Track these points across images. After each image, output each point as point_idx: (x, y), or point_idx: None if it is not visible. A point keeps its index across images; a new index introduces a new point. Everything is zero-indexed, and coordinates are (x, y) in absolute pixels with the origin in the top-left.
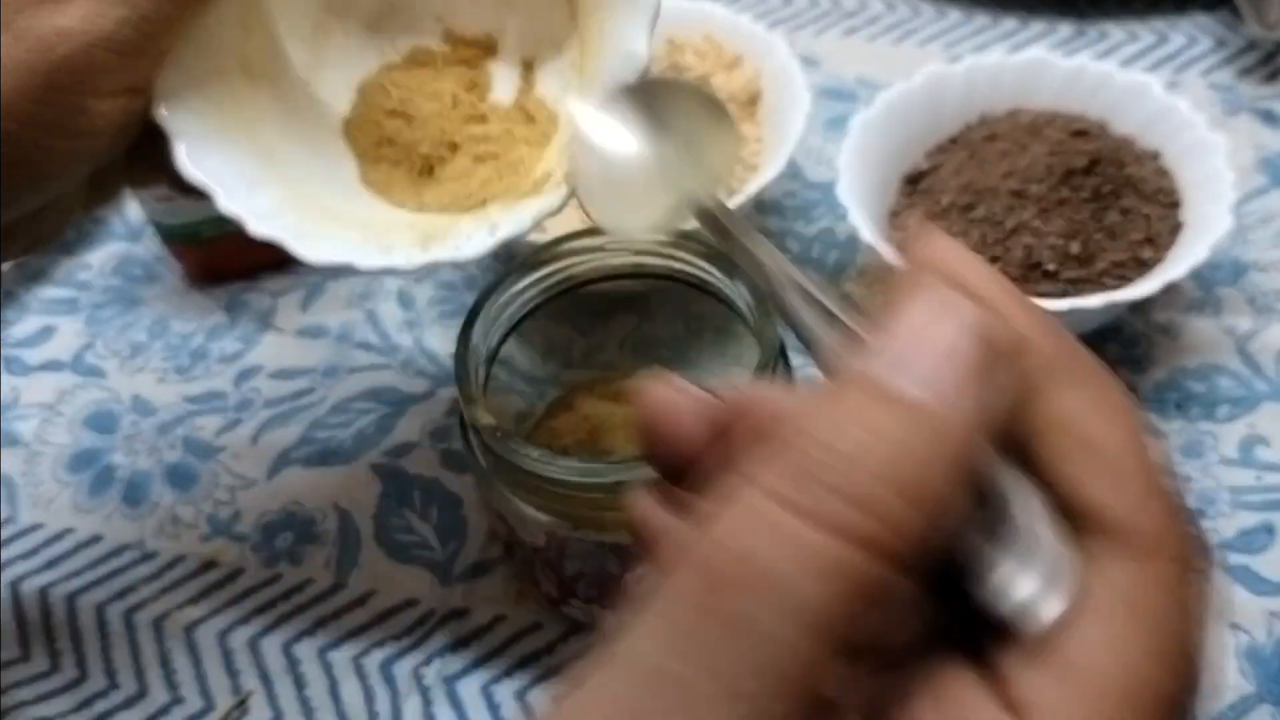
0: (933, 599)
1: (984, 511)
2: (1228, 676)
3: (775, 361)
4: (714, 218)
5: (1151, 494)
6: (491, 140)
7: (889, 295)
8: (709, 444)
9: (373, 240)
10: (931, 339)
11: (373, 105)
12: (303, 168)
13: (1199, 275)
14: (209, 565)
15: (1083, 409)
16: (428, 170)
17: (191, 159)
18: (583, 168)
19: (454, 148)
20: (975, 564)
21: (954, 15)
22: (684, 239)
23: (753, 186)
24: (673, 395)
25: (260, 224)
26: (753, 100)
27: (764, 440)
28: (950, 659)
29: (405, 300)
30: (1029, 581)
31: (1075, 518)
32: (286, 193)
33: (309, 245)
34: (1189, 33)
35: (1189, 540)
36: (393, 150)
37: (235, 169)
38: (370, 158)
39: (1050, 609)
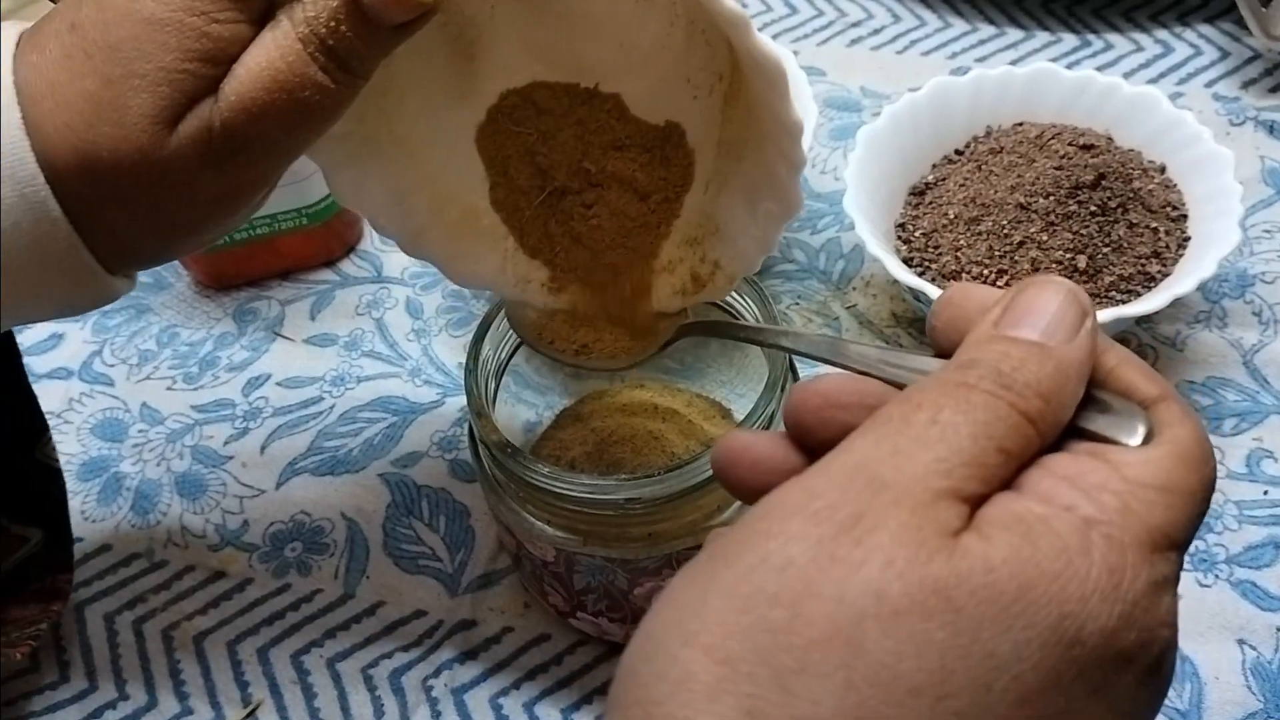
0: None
1: (1091, 397)
2: (1235, 693)
3: (785, 373)
4: (728, 328)
5: (1164, 383)
6: (623, 185)
7: (953, 331)
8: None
9: (509, 269)
10: (1042, 301)
11: (512, 117)
12: (441, 160)
13: (1205, 288)
14: (218, 575)
15: (1120, 350)
16: (558, 196)
17: (345, 185)
18: None
19: (588, 176)
20: (1087, 419)
21: (958, 26)
22: None
23: None
24: (748, 437)
25: (413, 248)
26: None
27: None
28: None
29: (414, 309)
30: (1123, 421)
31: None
32: (429, 195)
33: (456, 270)
34: (1193, 43)
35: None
36: (524, 171)
37: (380, 181)
38: (498, 170)
39: (1136, 434)
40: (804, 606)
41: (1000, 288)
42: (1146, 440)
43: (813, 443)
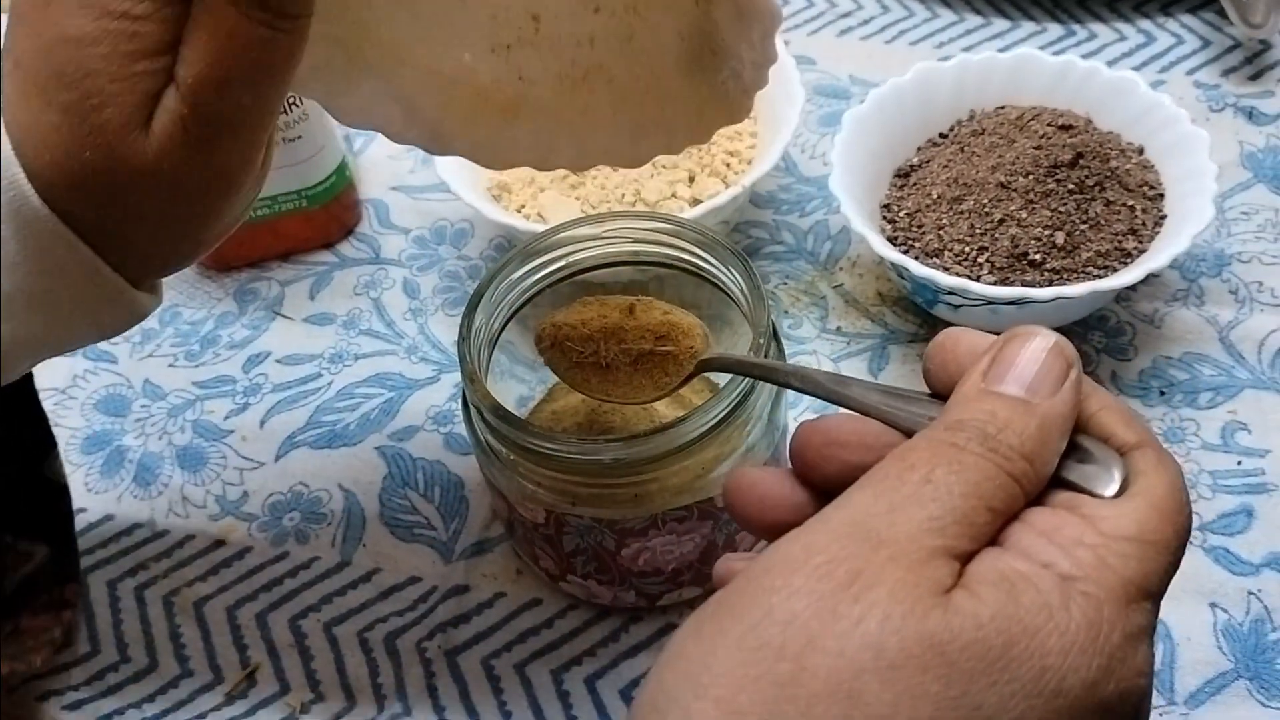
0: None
1: (1072, 444)
2: (1207, 653)
3: (768, 344)
4: (738, 365)
5: (1143, 430)
6: None
7: (946, 375)
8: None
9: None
10: (1027, 357)
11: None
12: (431, 47)
13: (1183, 267)
14: (218, 543)
15: (1103, 396)
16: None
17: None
18: None
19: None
20: (1067, 469)
21: (946, 16)
22: (681, 227)
23: (748, 180)
24: (755, 473)
25: (439, 147)
26: None
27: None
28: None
29: (410, 289)
30: (1100, 471)
31: (1112, 444)
32: (433, 89)
33: (490, 159)
34: (1175, 33)
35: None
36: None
37: (381, 94)
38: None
39: (1112, 484)
40: (808, 660)
41: (982, 262)
42: (1123, 488)
43: (815, 478)
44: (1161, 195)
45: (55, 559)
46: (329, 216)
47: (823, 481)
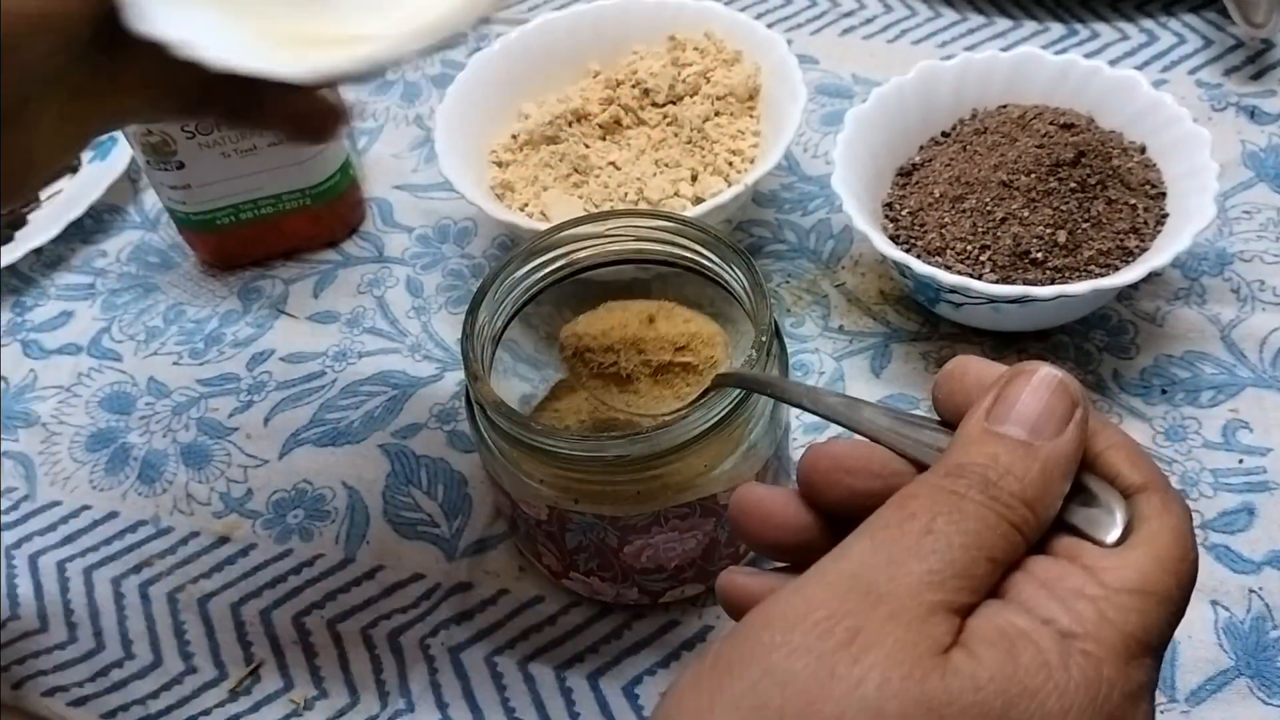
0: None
1: (1077, 484)
2: (1208, 651)
3: (770, 342)
4: (752, 381)
5: (1150, 469)
6: None
7: (954, 404)
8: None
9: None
10: (1031, 397)
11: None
12: None
13: (1184, 265)
14: (222, 540)
15: (1112, 432)
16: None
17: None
18: None
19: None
20: (1070, 512)
21: (948, 15)
22: (684, 225)
23: (751, 177)
24: (762, 492)
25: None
26: (752, 95)
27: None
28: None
29: (414, 288)
30: (1103, 515)
31: (1117, 485)
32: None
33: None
34: (1177, 32)
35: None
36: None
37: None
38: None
39: (1115, 529)
40: None
41: (984, 260)
42: (1126, 533)
43: (821, 502)
44: (1163, 194)
45: None
46: (333, 215)
47: (829, 506)
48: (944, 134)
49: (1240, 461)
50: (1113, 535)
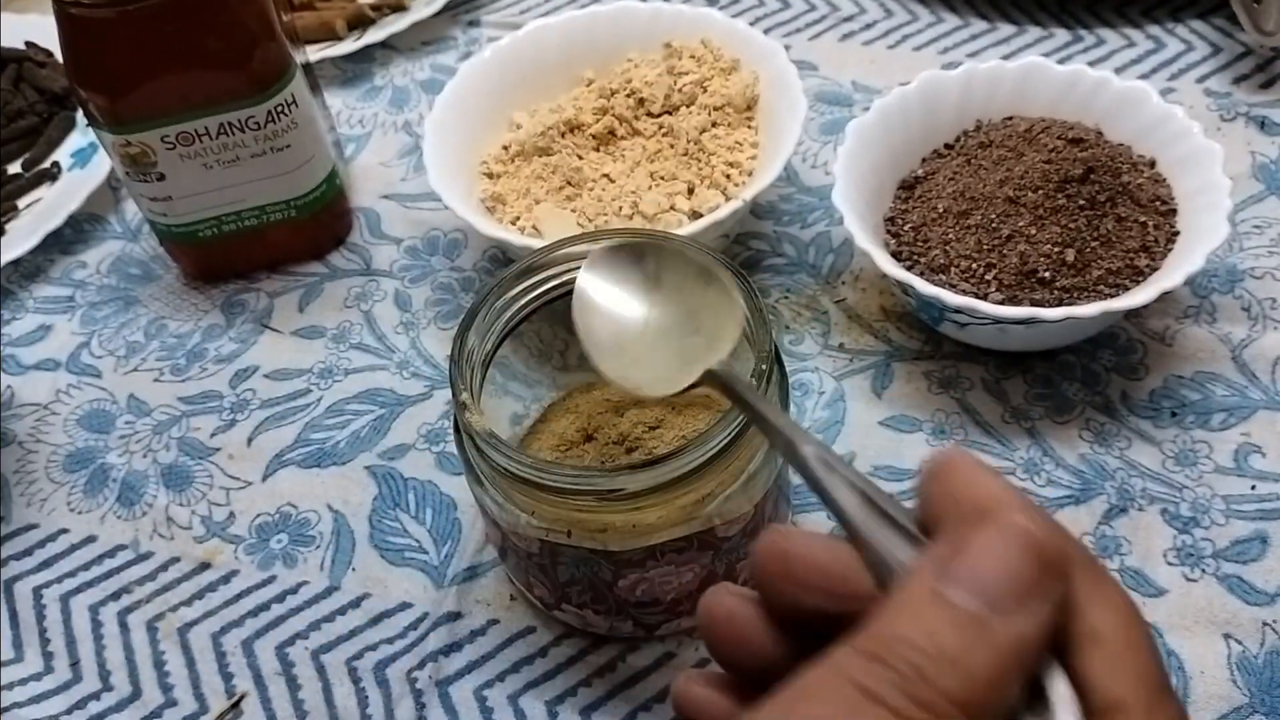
0: None
1: (1028, 684)
2: (1220, 687)
3: (770, 368)
4: (734, 392)
5: (1143, 680)
6: None
7: (932, 511)
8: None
9: None
10: (994, 558)
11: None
12: None
13: (1194, 282)
14: (204, 566)
15: (1101, 616)
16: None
17: None
18: (591, 326)
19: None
20: None
21: (950, 21)
22: (680, 246)
23: (749, 191)
24: (732, 604)
25: None
26: (750, 105)
27: (850, 636)
28: None
29: (402, 302)
30: None
31: (1087, 697)
32: None
33: None
34: (1185, 39)
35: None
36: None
37: None
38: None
39: None
40: None
41: (990, 279)
42: None
43: (776, 605)
44: (1174, 210)
45: None
46: (319, 226)
47: (784, 609)
48: (947, 146)
49: (1253, 488)
50: None
